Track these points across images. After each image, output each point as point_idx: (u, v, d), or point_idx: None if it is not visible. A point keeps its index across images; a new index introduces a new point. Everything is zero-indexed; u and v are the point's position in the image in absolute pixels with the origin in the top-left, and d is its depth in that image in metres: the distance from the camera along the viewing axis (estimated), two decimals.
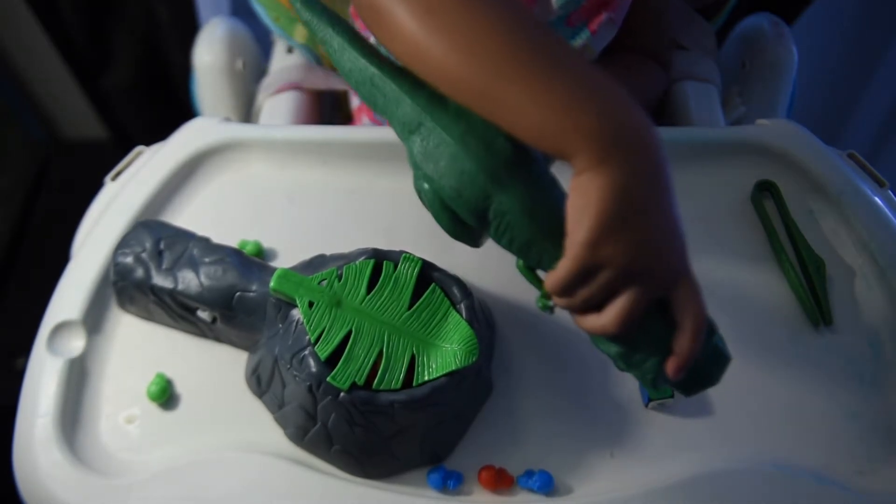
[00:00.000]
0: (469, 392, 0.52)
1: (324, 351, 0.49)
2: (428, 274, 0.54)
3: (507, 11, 0.41)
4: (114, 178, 0.67)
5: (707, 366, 0.46)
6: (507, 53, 0.39)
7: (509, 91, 0.39)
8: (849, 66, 1.24)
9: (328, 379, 0.48)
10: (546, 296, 0.47)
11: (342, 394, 0.48)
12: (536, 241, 0.44)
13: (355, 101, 0.84)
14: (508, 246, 0.46)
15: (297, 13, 0.50)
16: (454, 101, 0.44)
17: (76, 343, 0.57)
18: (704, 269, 0.62)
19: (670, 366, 0.43)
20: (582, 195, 0.38)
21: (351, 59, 0.48)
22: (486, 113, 0.41)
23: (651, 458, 0.52)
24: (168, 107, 1.34)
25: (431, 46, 0.41)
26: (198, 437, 0.53)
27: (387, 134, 0.64)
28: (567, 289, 0.42)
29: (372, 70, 0.47)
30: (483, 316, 0.55)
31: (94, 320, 0.58)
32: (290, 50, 0.87)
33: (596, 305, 0.42)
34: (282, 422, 0.53)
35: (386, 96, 0.47)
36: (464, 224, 0.46)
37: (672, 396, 0.53)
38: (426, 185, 0.46)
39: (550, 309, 0.47)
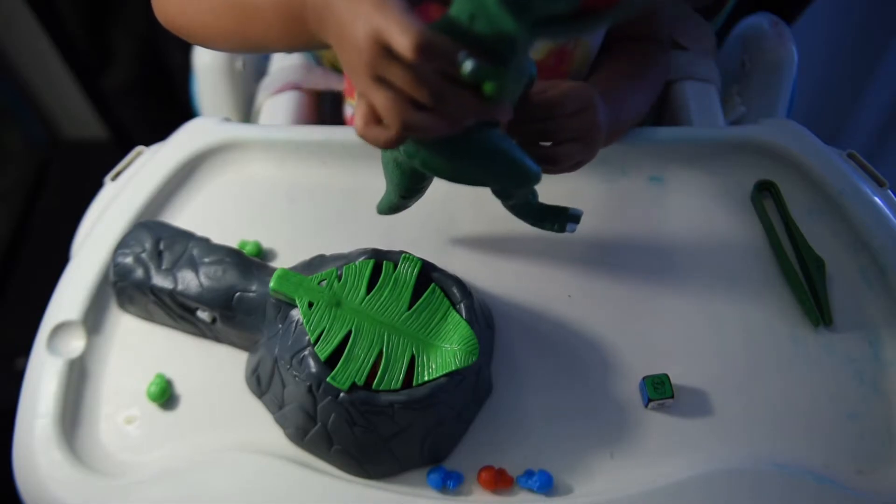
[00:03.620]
0: (469, 392, 0.52)
1: (324, 351, 0.49)
2: (428, 274, 0.54)
3: None
4: (114, 178, 0.67)
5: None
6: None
7: (251, 26, 0.50)
8: (849, 66, 1.23)
9: (328, 379, 0.48)
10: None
11: (342, 394, 0.48)
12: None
13: (349, 111, 0.84)
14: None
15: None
16: None
17: (76, 343, 0.57)
18: (705, 268, 0.62)
19: None
20: None
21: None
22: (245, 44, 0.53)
23: (651, 458, 0.52)
24: (168, 107, 1.34)
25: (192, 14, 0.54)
26: (198, 437, 0.53)
27: None
28: (359, 117, 0.46)
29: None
30: (483, 316, 0.55)
31: (94, 320, 0.58)
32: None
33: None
34: (282, 422, 0.53)
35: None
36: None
37: (672, 397, 0.53)
38: (411, 157, 0.48)
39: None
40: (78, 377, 0.55)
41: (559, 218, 0.57)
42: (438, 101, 0.42)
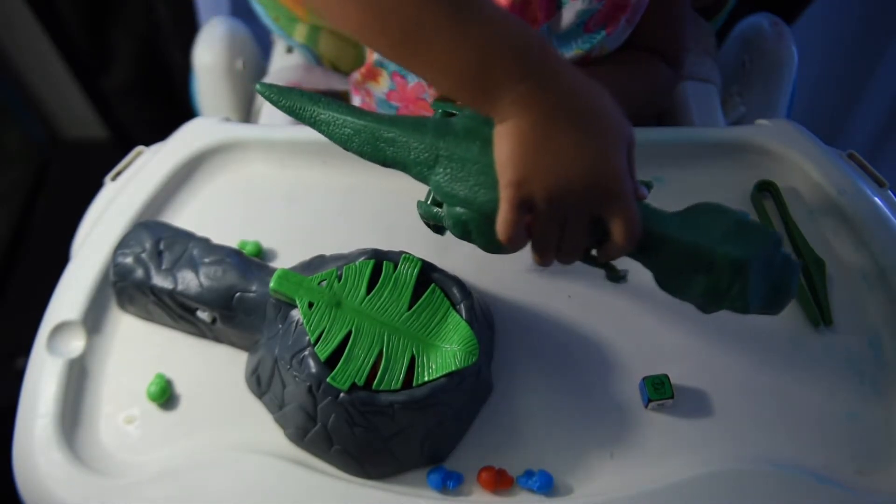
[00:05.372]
0: (469, 392, 0.52)
1: (324, 351, 0.49)
2: (428, 274, 0.54)
3: None
4: (114, 178, 0.67)
5: (784, 276, 0.49)
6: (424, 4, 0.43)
7: (429, 41, 0.43)
8: (849, 66, 1.24)
9: (328, 379, 0.48)
10: (612, 269, 0.51)
11: (342, 394, 0.48)
12: None
13: None
14: None
15: (276, 104, 0.52)
16: (460, 123, 0.48)
17: (76, 343, 0.57)
18: None
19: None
20: (503, 140, 0.44)
21: (348, 125, 0.50)
22: (408, 64, 0.45)
23: (651, 458, 0.52)
24: (168, 107, 1.34)
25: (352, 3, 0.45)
26: (198, 437, 0.53)
27: None
28: (511, 228, 0.45)
29: (373, 126, 0.50)
30: (483, 316, 0.55)
31: (94, 320, 0.58)
32: (289, 50, 0.87)
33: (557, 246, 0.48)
34: (282, 422, 0.53)
35: (395, 144, 0.49)
36: None
37: (672, 397, 0.53)
38: (462, 210, 0.47)
39: (620, 278, 0.52)
40: (78, 377, 0.55)
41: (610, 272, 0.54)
42: (569, 262, 0.48)
